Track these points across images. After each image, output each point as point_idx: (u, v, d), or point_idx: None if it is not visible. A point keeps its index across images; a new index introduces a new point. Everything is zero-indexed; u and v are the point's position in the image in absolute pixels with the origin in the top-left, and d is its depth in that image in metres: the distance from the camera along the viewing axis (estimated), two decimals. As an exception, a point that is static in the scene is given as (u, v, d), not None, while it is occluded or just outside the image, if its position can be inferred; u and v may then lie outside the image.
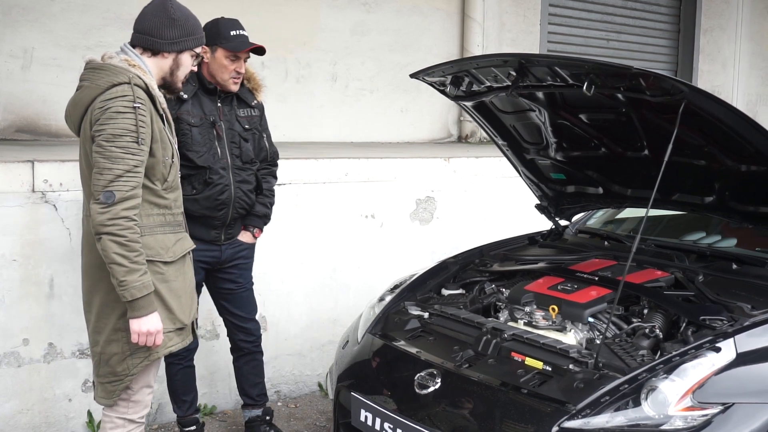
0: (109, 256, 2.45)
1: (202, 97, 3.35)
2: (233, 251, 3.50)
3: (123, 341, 2.60)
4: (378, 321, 3.30)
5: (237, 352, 3.69)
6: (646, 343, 2.78)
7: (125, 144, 2.46)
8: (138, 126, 2.48)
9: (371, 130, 6.60)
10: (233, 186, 3.38)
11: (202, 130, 3.31)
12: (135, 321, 2.52)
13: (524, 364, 2.73)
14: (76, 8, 5.16)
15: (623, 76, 2.72)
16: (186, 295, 2.74)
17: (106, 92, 2.49)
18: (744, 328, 2.65)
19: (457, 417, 2.71)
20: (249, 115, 3.48)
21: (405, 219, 4.76)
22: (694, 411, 2.41)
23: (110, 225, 2.44)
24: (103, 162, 2.46)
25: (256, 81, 3.53)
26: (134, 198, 2.49)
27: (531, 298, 3.13)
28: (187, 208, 3.27)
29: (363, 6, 6.50)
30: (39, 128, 5.12)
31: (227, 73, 3.33)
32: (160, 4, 2.68)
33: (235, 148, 3.40)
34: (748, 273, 3.14)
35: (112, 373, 2.63)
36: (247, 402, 3.74)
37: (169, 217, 2.67)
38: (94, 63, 2.62)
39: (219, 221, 3.39)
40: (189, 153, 3.27)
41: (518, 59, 2.92)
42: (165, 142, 2.63)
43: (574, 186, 3.73)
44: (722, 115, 2.71)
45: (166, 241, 2.64)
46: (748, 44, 9.58)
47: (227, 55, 3.32)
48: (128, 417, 2.72)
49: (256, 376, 3.71)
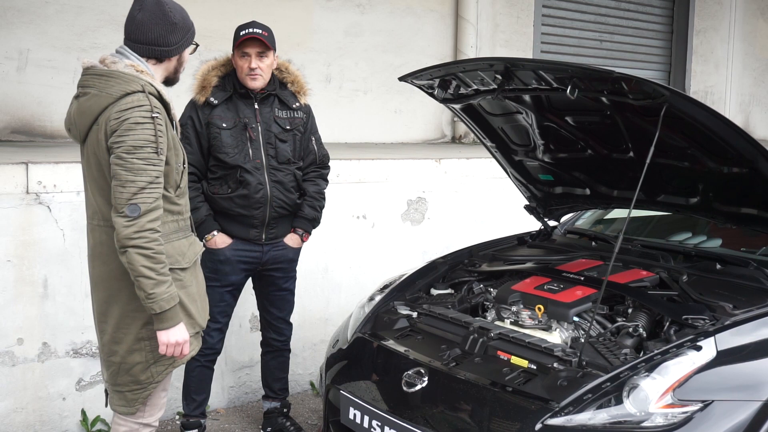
0: (137, 269, 2.41)
1: (237, 102, 3.45)
2: (277, 254, 3.57)
3: (147, 350, 2.59)
4: (368, 320, 3.34)
5: (266, 347, 3.82)
6: (630, 342, 2.83)
7: (146, 155, 2.42)
8: (157, 136, 2.44)
9: (365, 130, 6.64)
10: (269, 185, 3.45)
11: (233, 133, 3.41)
12: (163, 333, 2.51)
13: (510, 363, 2.77)
14: (71, 10, 5.20)
15: (606, 80, 2.77)
16: (200, 299, 2.75)
17: (121, 102, 2.43)
18: (725, 327, 2.69)
19: (444, 414, 2.76)
20: (291, 117, 3.54)
21: (396, 219, 4.80)
22: (674, 408, 2.45)
23: (137, 238, 2.40)
24: (125, 174, 2.41)
25: (300, 84, 3.59)
26: (158, 209, 2.46)
27: (518, 298, 3.17)
28: (224, 207, 3.42)
29: (357, 7, 6.54)
30: (34, 129, 5.16)
31: (242, 71, 3.43)
32: (157, 9, 2.57)
33: (270, 148, 3.47)
34: (731, 273, 3.18)
35: (134, 381, 2.61)
36: (269, 394, 3.87)
37: (181, 222, 2.66)
38: (98, 69, 2.53)
39: (257, 220, 3.47)
40: (220, 155, 3.40)
41: (504, 63, 2.97)
42: (177, 149, 2.61)
43: (561, 187, 3.78)
44: (703, 118, 2.75)
45: (181, 247, 2.64)
46: (741, 45, 9.63)
47: (238, 54, 3.42)
48: (144, 421, 2.70)
49: (281, 372, 3.84)
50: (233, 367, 4.30)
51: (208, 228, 3.42)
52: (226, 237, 3.46)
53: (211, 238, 3.43)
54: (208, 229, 3.42)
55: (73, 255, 3.67)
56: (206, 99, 3.41)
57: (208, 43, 4.34)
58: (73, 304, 3.69)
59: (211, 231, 3.42)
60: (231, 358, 4.28)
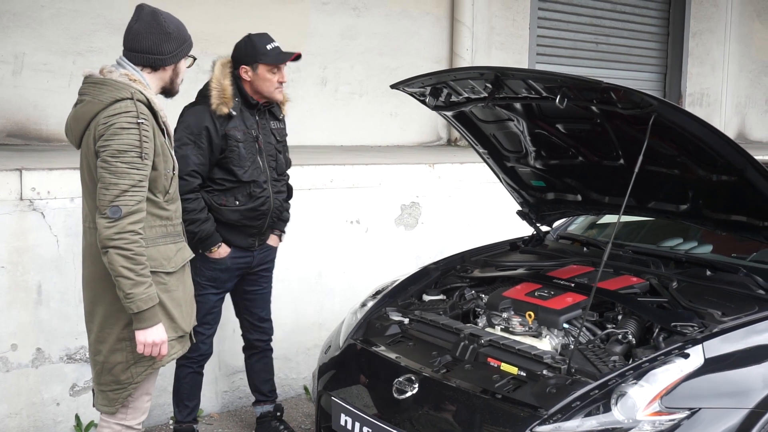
0: (116, 269, 2.50)
1: (244, 113, 3.45)
2: (263, 255, 3.64)
3: (127, 351, 2.65)
4: (360, 326, 3.36)
5: (250, 350, 3.82)
6: (619, 349, 2.85)
7: (130, 159, 2.51)
8: (142, 141, 2.53)
9: (361, 133, 6.65)
10: (272, 197, 3.52)
11: (246, 145, 3.42)
12: (141, 332, 2.58)
13: (500, 370, 2.79)
14: (67, 14, 5.21)
15: (594, 90, 2.79)
16: (186, 304, 2.80)
17: (110, 108, 2.53)
18: (713, 335, 2.71)
19: (434, 421, 2.78)
20: (279, 128, 3.61)
21: (390, 224, 4.82)
22: (662, 416, 2.47)
23: (117, 239, 2.48)
24: (108, 177, 2.50)
25: (284, 95, 3.62)
26: (140, 212, 2.54)
27: (509, 304, 3.19)
28: (229, 218, 3.43)
29: (352, 10, 6.55)
30: (30, 133, 5.18)
31: (272, 86, 3.44)
32: (152, 20, 2.68)
33: (272, 160, 3.52)
34: (721, 279, 3.20)
35: (115, 381, 2.68)
36: (259, 398, 3.87)
37: (170, 228, 2.72)
38: (94, 78, 2.64)
39: (256, 229, 3.53)
40: (235, 168, 3.39)
41: (494, 72, 2.99)
42: (166, 156, 2.67)
43: (553, 193, 3.79)
44: (692, 127, 2.77)
45: (167, 251, 2.70)
46: (737, 47, 9.64)
47: (269, 69, 3.41)
48: (126, 423, 2.77)
49: (267, 373, 3.85)
50: (227, 371, 4.31)
51: (214, 241, 3.43)
52: (227, 247, 3.49)
53: (216, 250, 3.45)
54: (215, 241, 3.43)
55: (67, 261, 3.68)
56: (229, 111, 3.35)
57: (204, 47, 4.37)
58: (67, 309, 3.70)
59: (216, 243, 3.44)
60: (224, 363, 4.29)
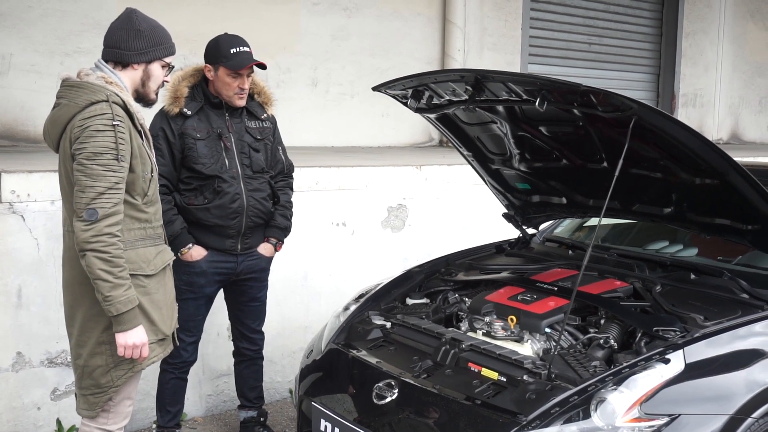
0: (94, 272, 2.49)
1: (209, 112, 3.43)
2: (251, 263, 3.57)
3: (107, 354, 2.65)
4: (342, 331, 3.33)
5: (239, 357, 3.80)
6: (601, 354, 2.82)
7: (106, 161, 2.50)
8: (117, 143, 2.52)
9: (352, 134, 6.64)
10: (245, 194, 3.45)
11: (208, 143, 3.39)
12: (121, 335, 2.57)
13: (480, 375, 2.77)
14: (54, 14, 5.19)
15: (574, 93, 2.77)
16: (167, 307, 2.79)
17: (85, 110, 2.52)
18: (694, 340, 2.68)
19: (413, 426, 2.75)
20: (260, 127, 3.56)
21: (377, 226, 4.79)
22: (641, 422, 2.45)
23: (94, 242, 2.48)
24: (84, 180, 2.50)
25: (267, 95, 3.61)
26: (117, 214, 2.53)
27: (491, 308, 3.16)
28: (199, 218, 3.40)
29: (344, 11, 6.53)
30: (17, 134, 5.15)
31: (231, 90, 3.40)
32: (126, 17, 2.72)
33: (245, 158, 3.48)
34: (705, 283, 3.17)
35: (95, 385, 2.68)
36: (244, 404, 3.85)
37: (149, 230, 2.71)
38: (71, 81, 2.64)
39: (233, 230, 3.47)
40: (196, 165, 3.38)
41: (474, 75, 2.97)
42: (144, 158, 2.66)
43: (539, 196, 3.77)
44: (673, 130, 2.75)
45: (147, 254, 2.69)
46: (730, 47, 9.63)
47: (229, 73, 3.38)
48: (107, 428, 2.75)
49: (255, 380, 3.83)
50: (211, 375, 4.29)
51: (183, 242, 3.39)
52: (201, 249, 3.45)
53: (187, 251, 3.41)
54: (184, 242, 3.40)
55: (48, 264, 3.66)
56: (180, 110, 3.38)
57: (193, 47, 4.34)
58: (48, 313, 3.67)
59: (186, 244, 3.40)
60: (208, 367, 4.27)
